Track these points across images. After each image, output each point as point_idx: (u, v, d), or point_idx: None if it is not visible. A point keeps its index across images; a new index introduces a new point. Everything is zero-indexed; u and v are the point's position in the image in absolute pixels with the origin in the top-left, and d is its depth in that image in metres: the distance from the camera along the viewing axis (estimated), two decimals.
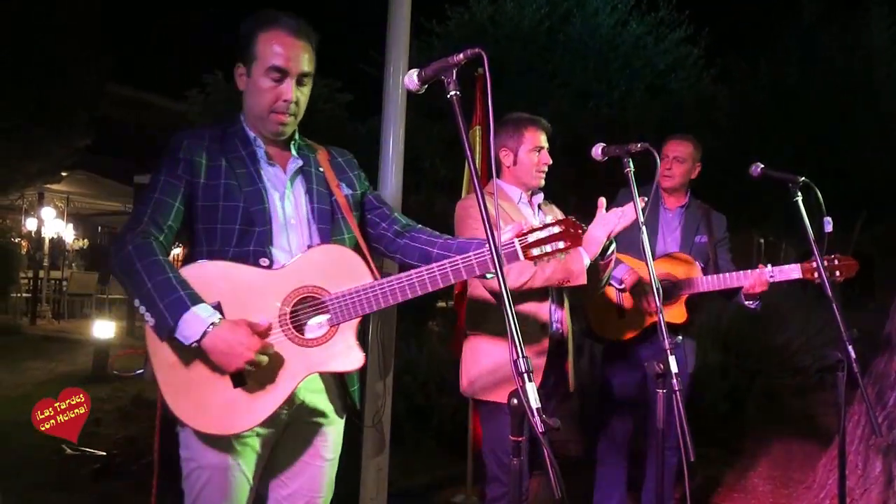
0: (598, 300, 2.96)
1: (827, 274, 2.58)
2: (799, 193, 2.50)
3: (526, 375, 1.24)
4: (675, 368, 1.93)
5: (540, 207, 2.59)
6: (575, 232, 1.64)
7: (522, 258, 1.66)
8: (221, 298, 1.61)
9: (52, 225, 13.83)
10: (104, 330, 7.12)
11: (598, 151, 2.35)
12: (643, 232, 2.10)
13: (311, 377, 1.69)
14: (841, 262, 2.68)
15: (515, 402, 1.25)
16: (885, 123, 8.22)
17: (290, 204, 1.80)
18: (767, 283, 2.78)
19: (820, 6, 9.16)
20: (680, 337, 2.99)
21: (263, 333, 1.61)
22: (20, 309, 12.48)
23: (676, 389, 1.87)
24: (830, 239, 2.61)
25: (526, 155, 2.50)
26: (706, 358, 5.61)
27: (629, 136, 2.88)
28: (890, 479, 3.03)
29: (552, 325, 2.44)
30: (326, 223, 1.82)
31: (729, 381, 5.58)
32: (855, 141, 8.38)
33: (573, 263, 2.23)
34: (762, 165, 2.57)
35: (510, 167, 2.52)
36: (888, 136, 8.13)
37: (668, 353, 1.93)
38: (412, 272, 1.67)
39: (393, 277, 1.68)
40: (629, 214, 2.21)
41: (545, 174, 2.53)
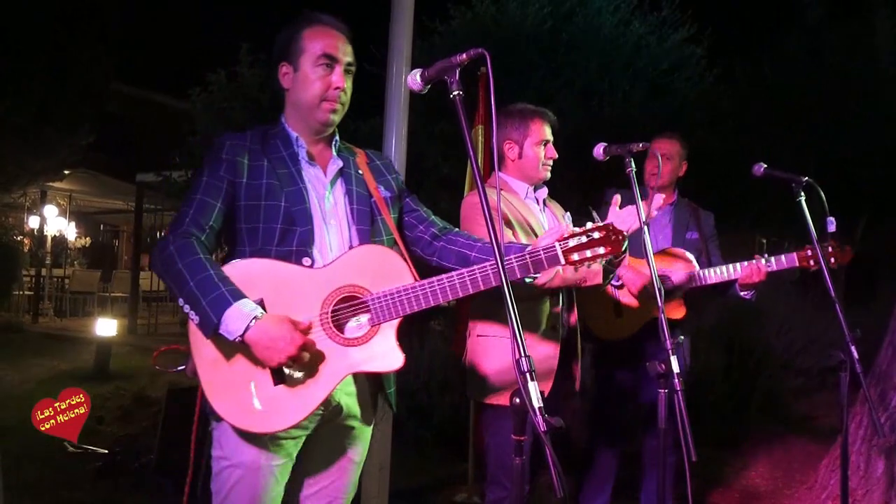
0: (595, 300, 2.94)
1: (823, 261, 2.61)
2: (802, 193, 2.50)
3: (528, 375, 1.24)
4: (676, 368, 1.93)
5: (545, 203, 2.55)
6: (616, 238, 1.65)
7: (563, 262, 1.66)
8: (264, 296, 1.62)
9: (54, 223, 13.87)
10: (106, 328, 7.13)
11: (599, 151, 2.34)
12: (645, 232, 2.10)
13: (346, 379, 1.69)
14: (835, 248, 2.69)
15: (518, 401, 1.25)
16: (888, 124, 8.21)
17: (330, 205, 1.82)
18: (765, 272, 2.78)
19: (823, 6, 9.15)
20: (682, 337, 2.98)
21: (304, 331, 1.62)
22: (22, 307, 12.52)
23: (679, 389, 1.87)
24: (833, 238, 2.61)
25: (531, 148, 2.45)
26: (708, 358, 5.60)
27: (631, 135, 2.87)
28: (892, 479, 3.03)
29: (562, 325, 2.42)
30: (366, 225, 1.84)
31: (731, 381, 5.58)
32: (858, 141, 8.36)
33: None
34: (765, 165, 2.57)
35: (515, 160, 2.47)
36: (891, 136, 8.12)
37: (670, 352, 1.92)
38: (454, 273, 1.68)
39: (434, 279, 1.68)
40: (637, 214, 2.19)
41: (550, 169, 2.49)
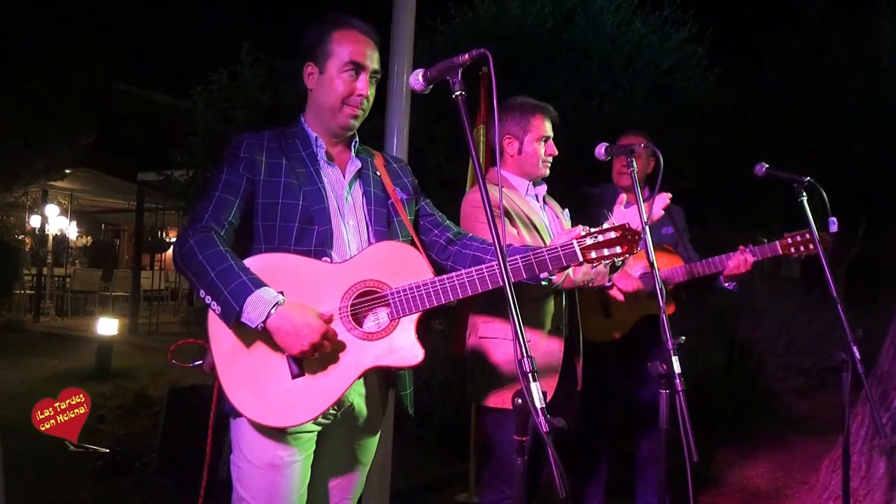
0: (582, 301, 2.92)
1: (801, 249, 2.72)
2: (804, 193, 2.49)
3: (531, 375, 1.24)
4: (678, 368, 1.93)
5: (544, 200, 2.54)
6: (632, 238, 1.69)
7: (581, 260, 1.69)
8: (284, 289, 1.62)
9: (55, 222, 13.88)
10: (107, 327, 7.14)
11: (601, 151, 2.33)
12: (646, 232, 2.09)
13: (358, 381, 1.69)
14: (811, 235, 2.71)
15: (520, 401, 1.24)
16: (889, 124, 8.20)
17: (348, 205, 1.82)
18: (751, 263, 2.83)
19: (825, 6, 9.14)
20: (683, 337, 2.98)
21: (326, 322, 1.62)
22: (24, 306, 12.52)
23: (680, 390, 1.86)
24: (835, 239, 2.61)
25: (531, 144, 2.42)
26: (709, 358, 5.60)
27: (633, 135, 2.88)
28: (893, 480, 3.03)
29: (565, 324, 2.41)
30: (383, 226, 1.84)
31: (731, 381, 5.58)
32: (859, 142, 8.36)
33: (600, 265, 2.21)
34: (767, 165, 2.57)
35: (514, 156, 2.44)
36: (893, 137, 8.11)
37: (671, 352, 1.92)
38: (472, 269, 1.69)
39: (453, 274, 1.69)
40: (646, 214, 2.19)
41: (550, 166, 2.47)
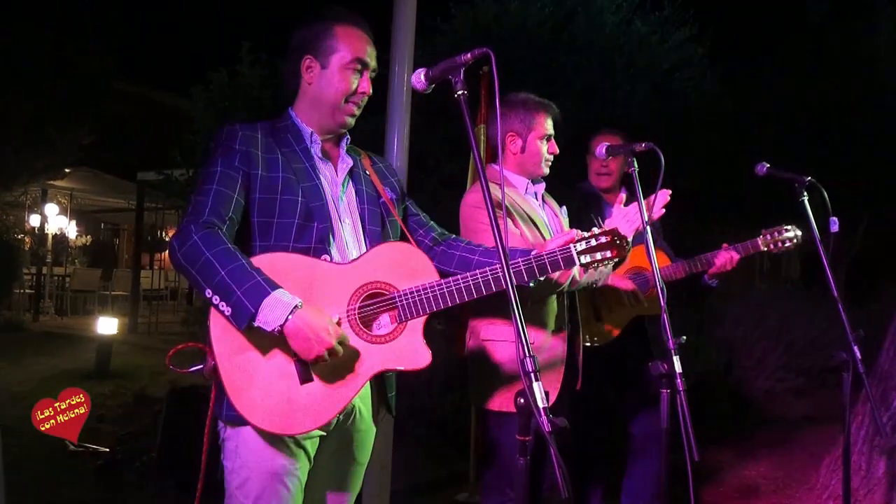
0: None
1: (780, 244, 2.82)
2: (805, 193, 2.49)
3: (533, 375, 1.24)
4: (679, 368, 1.93)
5: (543, 199, 2.53)
6: (620, 243, 1.72)
7: (577, 263, 1.72)
8: (290, 290, 1.55)
9: (55, 221, 13.86)
10: (107, 326, 7.13)
11: (601, 151, 2.33)
12: (647, 232, 2.09)
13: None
14: (789, 230, 2.84)
15: (522, 401, 1.24)
16: (890, 124, 8.20)
17: (343, 203, 1.79)
18: (737, 259, 2.90)
19: (825, 6, 9.13)
20: (684, 337, 2.98)
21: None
22: (23, 305, 12.51)
23: (682, 389, 1.86)
24: (836, 239, 2.60)
25: (535, 142, 2.39)
26: (709, 358, 5.61)
27: (634, 135, 2.87)
28: (893, 479, 3.03)
29: (567, 325, 2.41)
30: (378, 225, 1.82)
31: (731, 381, 5.58)
32: (860, 142, 8.36)
33: (605, 266, 2.20)
34: (768, 165, 2.57)
35: (517, 154, 2.41)
36: (893, 136, 8.11)
37: (672, 352, 1.92)
38: (477, 272, 1.68)
39: (459, 276, 1.68)
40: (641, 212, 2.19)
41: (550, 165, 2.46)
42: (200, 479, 1.67)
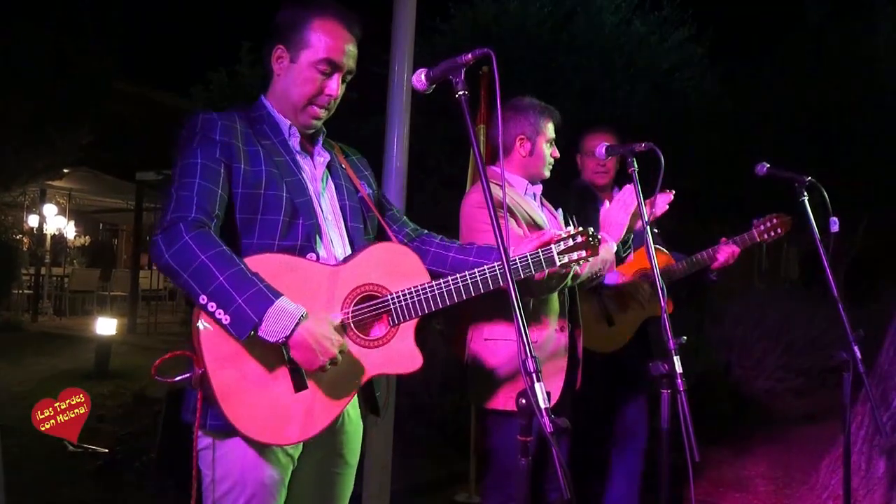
0: (584, 312, 2.81)
1: (772, 233, 2.89)
2: (805, 193, 2.49)
3: (535, 375, 1.23)
4: (679, 368, 1.93)
5: (541, 201, 2.55)
6: (593, 242, 1.75)
7: (557, 264, 1.73)
8: (286, 293, 1.47)
9: (53, 221, 13.84)
10: (106, 327, 7.12)
11: (601, 151, 2.34)
12: (647, 232, 2.09)
13: None
14: (778, 219, 2.89)
15: (524, 402, 1.24)
16: (889, 123, 8.20)
17: (325, 199, 1.72)
18: (738, 253, 2.95)
19: (825, 6, 9.13)
20: (685, 337, 2.98)
21: None
22: (21, 306, 12.50)
23: (682, 390, 1.86)
24: (836, 239, 2.60)
25: (542, 146, 2.43)
26: (709, 358, 5.61)
27: (633, 135, 2.87)
28: (893, 479, 3.03)
29: (568, 321, 2.42)
30: (359, 222, 1.76)
31: (731, 381, 5.58)
32: (860, 141, 8.37)
33: (606, 253, 2.20)
34: (768, 165, 2.56)
35: (525, 157, 2.45)
36: (893, 136, 8.11)
37: (673, 352, 1.92)
38: (466, 273, 1.65)
39: (449, 277, 1.65)
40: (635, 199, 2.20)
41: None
42: (192, 491, 1.58)
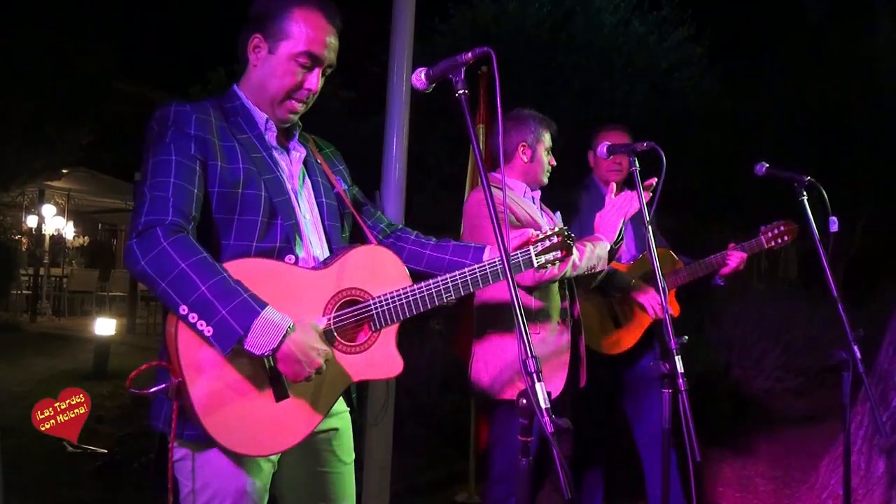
0: (590, 313, 2.87)
1: (779, 241, 2.92)
2: (804, 193, 2.49)
3: (535, 375, 1.23)
4: (681, 368, 1.92)
5: (540, 205, 2.64)
6: (568, 242, 1.77)
7: (535, 265, 1.74)
8: (268, 300, 1.42)
9: (52, 222, 13.84)
10: (105, 327, 7.11)
11: (603, 150, 2.34)
12: (649, 231, 2.09)
13: None
14: (786, 227, 2.92)
15: (525, 402, 1.24)
16: (889, 123, 8.21)
17: (303, 197, 1.65)
18: (746, 259, 2.97)
19: (824, 6, 9.14)
20: (686, 337, 2.98)
21: None
22: (20, 306, 12.48)
23: (684, 389, 1.86)
24: (835, 238, 2.60)
25: (541, 154, 2.56)
26: (708, 358, 5.61)
27: (633, 135, 2.87)
28: (893, 479, 3.03)
29: (570, 319, 2.45)
30: (336, 221, 1.71)
31: (731, 381, 5.58)
32: (859, 141, 8.37)
33: (599, 249, 2.22)
34: (767, 164, 2.56)
35: (526, 163, 2.56)
36: (892, 136, 8.12)
37: (675, 352, 1.92)
38: (447, 276, 1.64)
39: (431, 280, 1.63)
40: (634, 201, 2.22)
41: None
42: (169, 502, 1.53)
